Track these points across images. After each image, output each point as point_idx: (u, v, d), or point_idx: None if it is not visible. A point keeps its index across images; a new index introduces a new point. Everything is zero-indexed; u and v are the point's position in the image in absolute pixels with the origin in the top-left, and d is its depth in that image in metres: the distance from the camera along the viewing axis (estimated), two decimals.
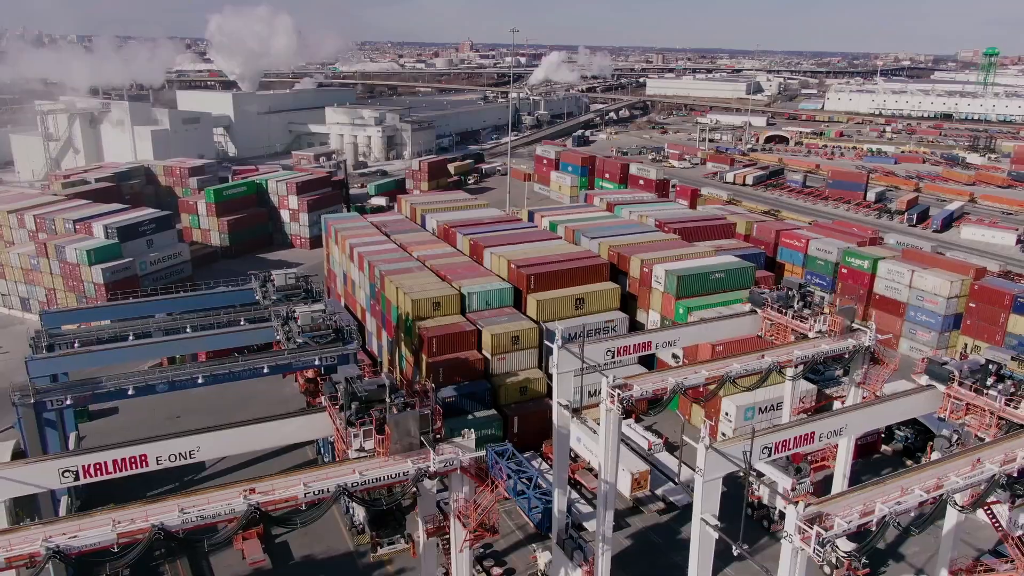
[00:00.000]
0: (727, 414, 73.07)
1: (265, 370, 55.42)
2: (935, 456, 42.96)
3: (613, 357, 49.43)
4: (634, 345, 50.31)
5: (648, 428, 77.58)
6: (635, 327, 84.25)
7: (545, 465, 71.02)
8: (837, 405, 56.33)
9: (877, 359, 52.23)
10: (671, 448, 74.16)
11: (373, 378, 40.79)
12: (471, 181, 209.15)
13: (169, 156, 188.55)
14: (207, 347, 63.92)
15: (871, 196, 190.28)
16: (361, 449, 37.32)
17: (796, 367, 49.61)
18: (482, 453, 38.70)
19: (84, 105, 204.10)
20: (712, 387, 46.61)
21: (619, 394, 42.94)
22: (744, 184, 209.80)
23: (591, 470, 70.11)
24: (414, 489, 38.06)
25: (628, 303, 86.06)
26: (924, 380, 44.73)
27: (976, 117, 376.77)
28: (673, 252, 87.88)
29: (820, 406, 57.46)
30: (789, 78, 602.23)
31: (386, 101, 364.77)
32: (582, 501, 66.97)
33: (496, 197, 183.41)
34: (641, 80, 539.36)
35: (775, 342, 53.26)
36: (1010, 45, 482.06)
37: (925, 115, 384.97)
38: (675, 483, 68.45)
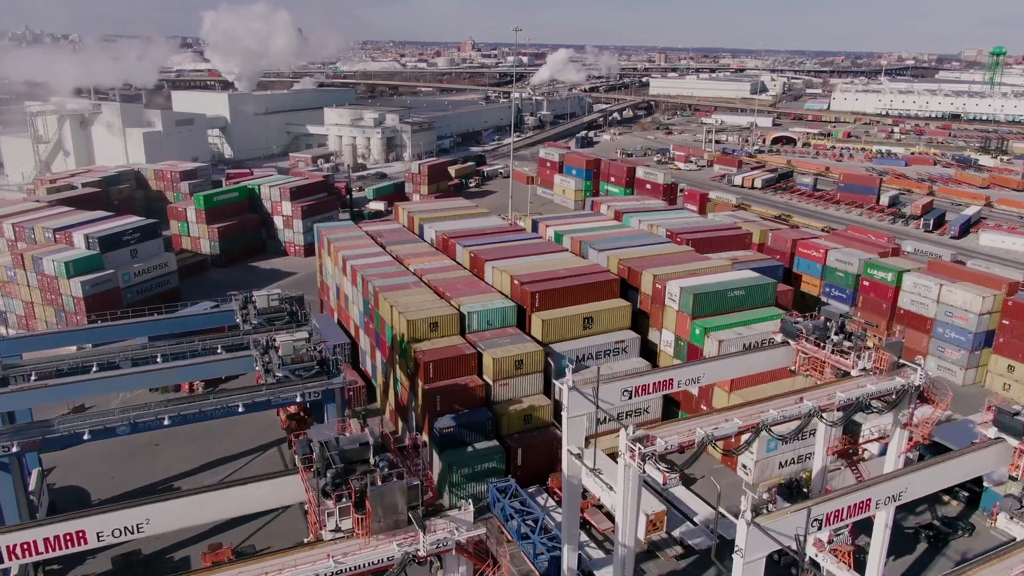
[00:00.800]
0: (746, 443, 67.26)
1: (240, 408, 49.80)
2: (1002, 518, 37.29)
3: (631, 398, 43.84)
4: (654, 384, 44.69)
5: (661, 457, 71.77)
6: (647, 348, 78.63)
7: (551, 502, 65.36)
8: (873, 448, 50.79)
9: (927, 398, 46.50)
10: (688, 482, 68.55)
11: (355, 434, 35.13)
12: (472, 184, 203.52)
13: (162, 159, 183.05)
14: (179, 379, 58.40)
15: (884, 200, 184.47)
16: (337, 529, 31.62)
17: (839, 411, 43.82)
18: (482, 530, 32.95)
19: (74, 106, 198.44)
20: (747, 437, 40.95)
21: (640, 449, 37.28)
22: (753, 187, 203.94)
23: (601, 507, 64.57)
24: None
25: (639, 321, 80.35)
26: (992, 432, 39.09)
27: (984, 117, 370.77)
28: (687, 266, 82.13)
29: (856, 446, 51.66)
30: (793, 78, 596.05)
31: (387, 101, 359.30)
32: (592, 544, 61.30)
33: (498, 201, 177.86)
34: (644, 80, 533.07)
35: (811, 377, 47.63)
36: (1011, 44, 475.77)
37: (933, 115, 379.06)
38: (694, 524, 62.81)
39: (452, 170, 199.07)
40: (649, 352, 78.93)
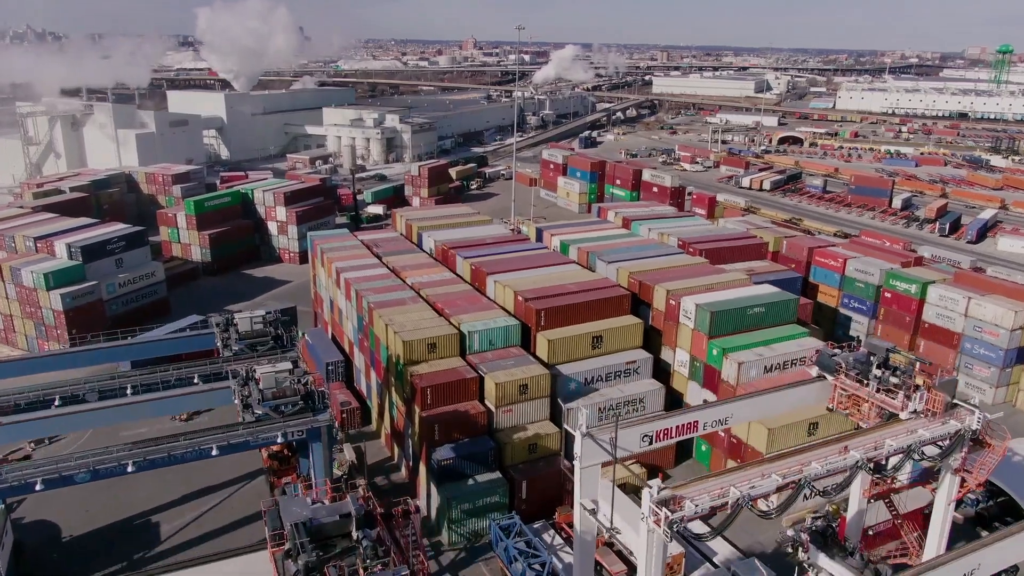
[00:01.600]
0: None
1: (214, 451, 44.93)
2: None
3: (651, 443, 38.92)
4: (677, 427, 39.77)
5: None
6: (659, 367, 73.64)
7: (559, 539, 60.38)
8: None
9: (982, 441, 41.51)
10: (705, 516, 63.48)
11: (335, 504, 30.18)
12: (474, 186, 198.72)
13: (156, 161, 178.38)
14: (151, 413, 53.28)
15: (897, 203, 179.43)
16: None
17: (888, 459, 38.85)
18: None
19: (65, 107, 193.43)
20: (788, 494, 36.00)
21: (666, 514, 32.35)
22: (761, 189, 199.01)
23: (611, 545, 59.63)
24: None
25: (651, 338, 75.35)
26: None
27: (992, 116, 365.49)
28: (702, 280, 77.08)
29: (899, 489, 46.69)
30: (796, 76, 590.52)
31: (387, 100, 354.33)
32: None
33: (500, 204, 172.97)
34: (647, 78, 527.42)
35: (853, 418, 42.63)
36: (1013, 42, 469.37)
37: (940, 114, 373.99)
38: (715, 565, 57.82)
39: (453, 172, 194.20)
40: (662, 372, 74.01)
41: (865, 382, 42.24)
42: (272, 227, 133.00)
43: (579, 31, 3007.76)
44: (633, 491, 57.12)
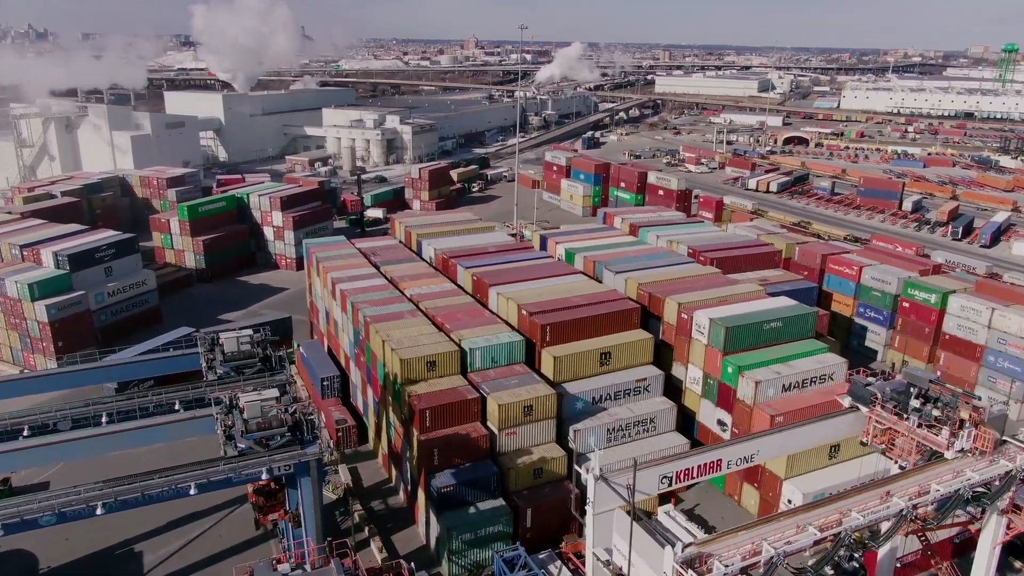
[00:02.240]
0: (790, 502, 58.76)
1: (192, 490, 41.34)
2: None
3: (670, 484, 35.37)
4: (699, 467, 36.19)
5: (690, 513, 63.56)
6: (670, 384, 69.98)
7: (566, 572, 56.83)
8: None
9: None
10: None
11: (318, 571, 26.70)
12: (475, 189, 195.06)
13: (151, 163, 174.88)
14: (127, 445, 49.57)
15: (907, 205, 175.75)
16: None
17: (932, 505, 35.25)
18: None
19: (59, 108, 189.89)
20: (827, 547, 32.37)
21: None
22: (768, 191, 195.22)
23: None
24: None
25: (661, 353, 71.71)
26: None
27: (999, 116, 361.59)
28: (715, 293, 73.44)
29: (936, 529, 42.98)
30: (799, 75, 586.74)
31: (388, 101, 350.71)
32: None
33: (503, 207, 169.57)
34: (649, 78, 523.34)
35: (890, 455, 38.98)
36: (1016, 40, 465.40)
37: (946, 114, 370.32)
38: None
39: (454, 174, 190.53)
40: (673, 389, 70.36)
41: (904, 415, 38.61)
42: (268, 232, 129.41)
43: (579, 30, 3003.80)
44: (644, 514, 53.70)
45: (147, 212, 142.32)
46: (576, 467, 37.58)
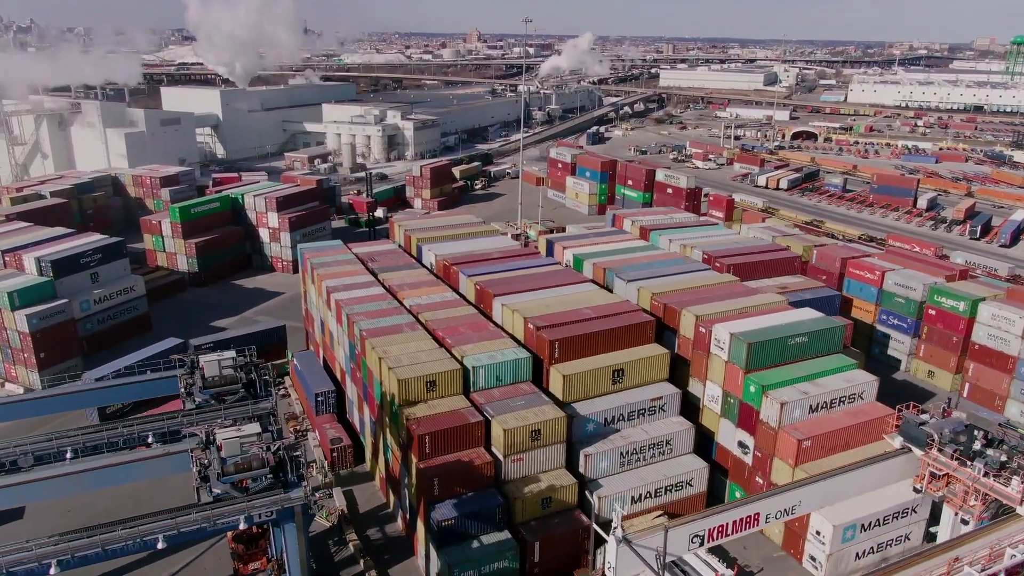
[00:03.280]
0: (818, 533, 54.20)
1: (160, 544, 36.96)
2: None
3: (702, 544, 30.96)
4: (734, 523, 31.80)
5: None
6: (687, 402, 65.46)
7: None
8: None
9: None
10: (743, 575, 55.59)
11: None
12: (478, 186, 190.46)
13: (147, 161, 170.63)
14: (94, 485, 44.90)
15: (922, 203, 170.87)
16: None
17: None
18: None
19: (52, 105, 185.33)
20: None
21: None
22: (778, 188, 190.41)
23: None
24: None
25: (676, 368, 67.17)
26: None
27: (1009, 109, 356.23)
28: (734, 304, 68.78)
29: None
30: (805, 68, 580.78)
31: (390, 95, 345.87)
32: None
33: (506, 205, 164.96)
34: (653, 71, 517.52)
35: (951, 506, 34.50)
36: (1021, 33, 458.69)
37: (955, 107, 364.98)
38: None
39: (456, 171, 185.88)
40: (690, 407, 65.83)
41: (967, 461, 34.08)
42: (264, 234, 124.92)
43: (582, 24, 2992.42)
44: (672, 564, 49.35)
45: (140, 212, 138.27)
46: (587, 494, 33.13)
